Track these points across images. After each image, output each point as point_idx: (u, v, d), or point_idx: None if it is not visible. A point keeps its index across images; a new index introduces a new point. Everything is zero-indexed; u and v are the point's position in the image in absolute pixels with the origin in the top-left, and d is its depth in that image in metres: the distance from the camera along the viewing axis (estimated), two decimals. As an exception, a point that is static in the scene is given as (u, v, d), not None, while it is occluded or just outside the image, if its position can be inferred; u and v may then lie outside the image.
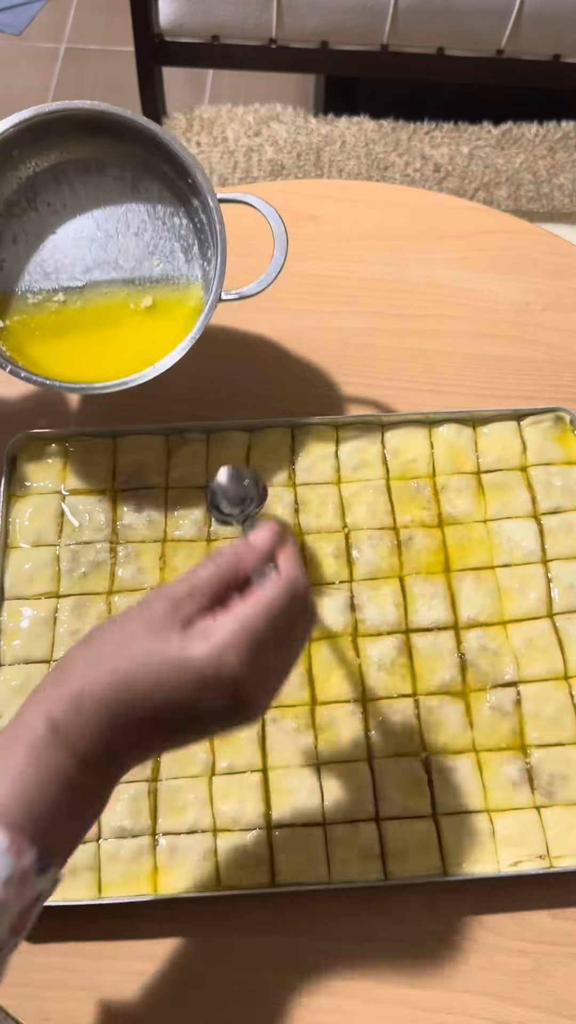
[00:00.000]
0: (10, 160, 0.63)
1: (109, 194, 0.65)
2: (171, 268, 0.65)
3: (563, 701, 0.60)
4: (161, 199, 0.65)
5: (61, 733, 0.39)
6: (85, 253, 0.65)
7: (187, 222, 0.65)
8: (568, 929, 0.56)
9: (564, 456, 0.68)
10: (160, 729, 0.41)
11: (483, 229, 0.81)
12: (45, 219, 0.65)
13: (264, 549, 0.44)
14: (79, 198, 0.65)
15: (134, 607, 0.43)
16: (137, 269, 0.65)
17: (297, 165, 1.49)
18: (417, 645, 0.62)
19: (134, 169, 0.64)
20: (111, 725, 0.40)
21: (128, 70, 1.38)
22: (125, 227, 0.65)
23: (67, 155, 0.64)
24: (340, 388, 0.73)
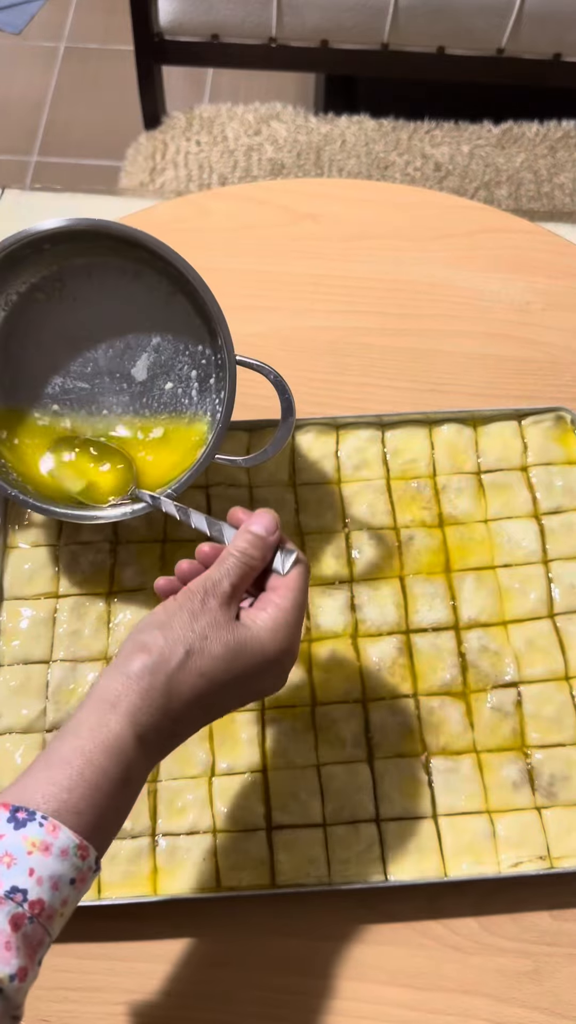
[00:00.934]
0: (40, 252, 0.59)
1: (139, 302, 0.61)
2: (183, 395, 0.62)
3: (564, 701, 0.60)
4: (190, 321, 0.61)
5: (145, 742, 0.42)
6: (100, 357, 0.62)
7: (210, 353, 0.61)
8: (568, 930, 0.55)
9: (565, 456, 0.68)
10: (226, 708, 0.47)
11: (483, 228, 0.81)
12: (68, 312, 0.61)
13: (275, 541, 0.48)
14: (108, 299, 0.61)
15: (184, 608, 0.45)
16: (148, 388, 0.62)
17: (297, 164, 1.49)
18: (417, 645, 0.62)
19: (170, 284, 0.60)
20: (189, 722, 0.45)
21: (128, 69, 1.38)
22: (147, 340, 0.61)
23: (104, 255, 0.60)
24: (340, 388, 0.73)
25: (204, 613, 0.45)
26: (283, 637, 0.45)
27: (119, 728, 0.42)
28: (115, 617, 0.63)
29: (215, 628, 0.44)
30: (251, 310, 0.76)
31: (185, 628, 0.44)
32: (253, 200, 0.83)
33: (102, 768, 0.40)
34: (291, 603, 0.47)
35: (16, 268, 0.60)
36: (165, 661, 0.43)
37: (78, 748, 0.41)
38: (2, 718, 0.60)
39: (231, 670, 0.44)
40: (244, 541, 0.47)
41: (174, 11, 1.25)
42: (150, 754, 0.43)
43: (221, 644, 0.44)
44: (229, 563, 0.47)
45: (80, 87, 1.88)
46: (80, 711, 0.43)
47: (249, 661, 0.44)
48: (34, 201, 1.27)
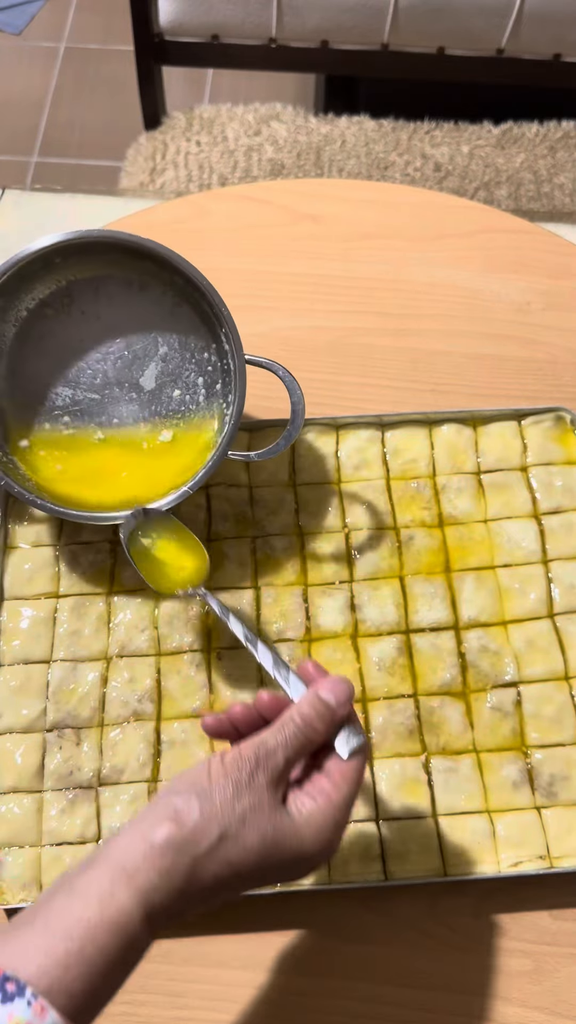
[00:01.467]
0: (50, 266, 0.61)
1: (146, 315, 0.63)
2: (190, 402, 0.63)
3: (564, 701, 0.60)
4: (195, 330, 0.63)
5: (154, 923, 0.38)
6: (108, 368, 0.63)
7: (216, 360, 0.63)
8: (568, 929, 0.56)
9: (564, 456, 0.68)
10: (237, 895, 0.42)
11: (483, 228, 0.81)
12: (76, 326, 0.63)
13: (344, 717, 0.44)
14: (115, 312, 0.63)
15: (235, 772, 0.41)
16: (156, 396, 0.63)
17: (297, 164, 1.49)
18: (417, 645, 0.62)
19: (175, 295, 0.62)
20: (201, 905, 0.40)
21: (128, 70, 1.38)
22: (154, 350, 0.63)
23: (111, 270, 0.62)
24: (340, 388, 0.73)
25: (250, 791, 0.40)
26: (327, 837, 0.41)
27: (130, 907, 0.37)
28: (115, 617, 0.63)
29: (257, 812, 0.40)
30: (251, 310, 0.76)
31: (226, 805, 0.40)
32: (253, 200, 0.83)
33: (103, 947, 0.36)
34: (343, 797, 0.42)
35: (26, 284, 0.61)
36: (195, 841, 0.39)
37: (83, 920, 0.37)
38: (2, 718, 0.60)
39: (261, 864, 0.40)
40: (310, 708, 0.43)
41: (174, 11, 1.25)
42: (154, 932, 0.39)
43: (259, 834, 0.40)
44: (288, 731, 0.42)
45: (80, 87, 1.88)
46: (93, 870, 0.39)
47: (283, 856, 0.40)
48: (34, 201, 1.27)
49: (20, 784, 0.58)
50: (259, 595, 0.63)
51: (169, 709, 0.60)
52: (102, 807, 0.57)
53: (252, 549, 0.65)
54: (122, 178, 1.47)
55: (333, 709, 0.43)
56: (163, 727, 0.60)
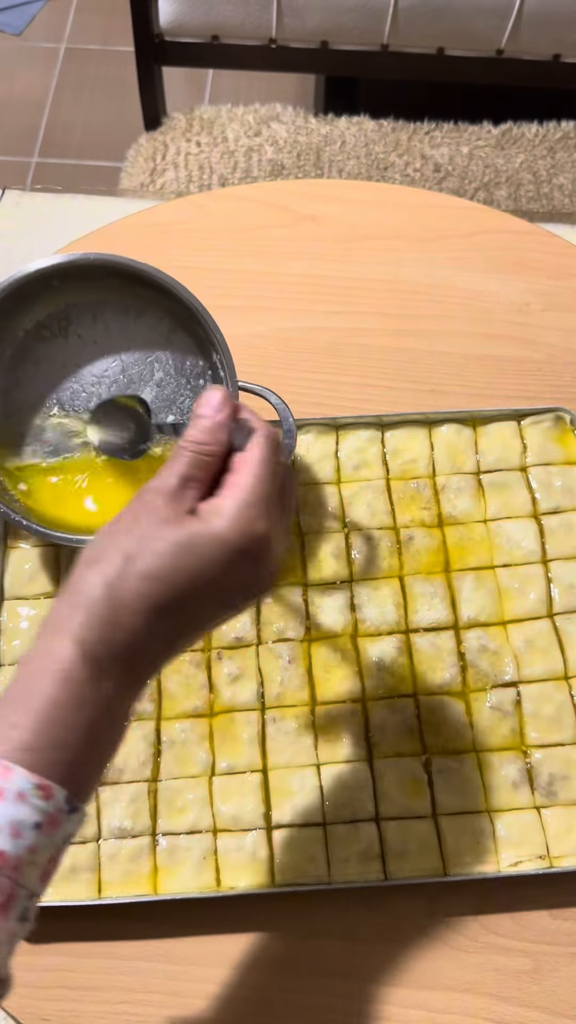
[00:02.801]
0: (48, 289, 0.61)
1: (142, 340, 0.63)
2: (183, 427, 0.61)
3: (563, 701, 0.60)
4: (191, 356, 0.63)
5: (93, 659, 0.37)
6: (104, 392, 0.63)
7: None
8: (568, 929, 0.56)
9: (564, 456, 0.68)
10: (198, 619, 0.41)
11: (483, 229, 0.81)
12: (73, 349, 0.63)
13: (224, 419, 0.42)
14: (112, 337, 0.63)
15: (128, 511, 0.40)
16: (153, 421, 0.63)
17: (297, 165, 1.49)
18: (417, 645, 0.62)
19: (171, 321, 0.63)
20: (148, 634, 0.38)
21: (128, 70, 1.38)
22: (149, 375, 0.63)
23: (108, 295, 0.62)
24: (340, 388, 0.73)
25: (146, 513, 0.39)
26: (246, 519, 0.39)
27: (61, 650, 0.37)
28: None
29: (157, 525, 0.39)
30: (251, 310, 0.76)
31: (126, 532, 0.39)
32: (253, 201, 0.83)
33: (50, 697, 0.36)
34: (253, 479, 0.40)
35: (23, 306, 0.61)
36: (101, 568, 0.38)
37: (19, 681, 0.37)
38: (2, 718, 0.60)
39: (184, 567, 0.38)
40: (192, 428, 0.42)
41: (174, 12, 1.25)
42: (108, 673, 0.37)
43: (164, 540, 0.38)
44: (177, 456, 0.41)
45: (80, 88, 1.88)
46: (33, 645, 0.39)
47: (205, 554, 0.38)
48: (34, 202, 1.27)
49: (20, 784, 0.58)
50: (259, 595, 0.63)
51: (169, 709, 0.60)
52: (102, 806, 0.57)
53: (252, 549, 0.65)
54: (122, 179, 1.47)
55: (210, 416, 0.42)
56: (163, 727, 0.60)
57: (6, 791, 0.34)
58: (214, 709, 0.60)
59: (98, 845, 0.56)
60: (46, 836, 0.35)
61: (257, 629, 0.62)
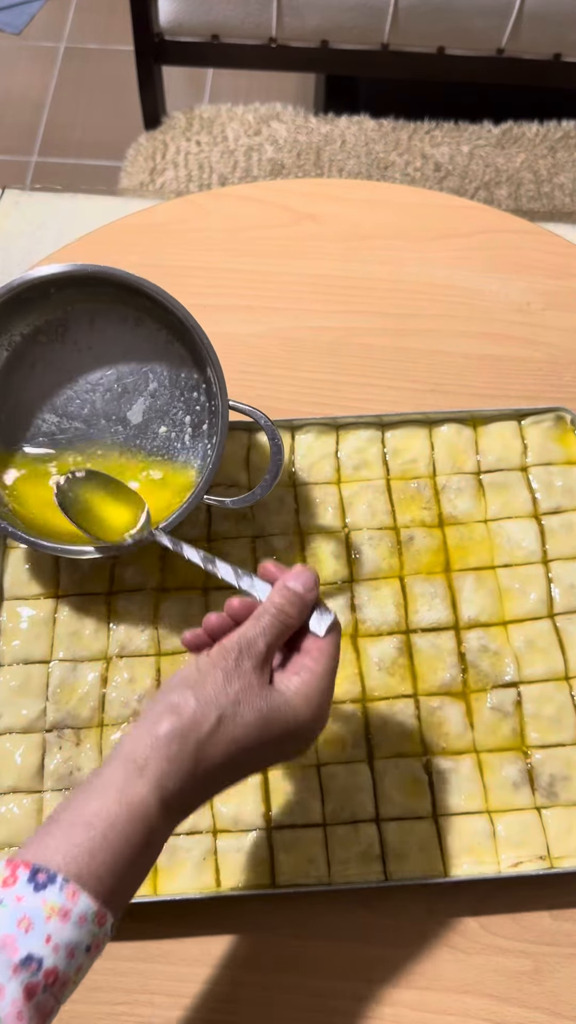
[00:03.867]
0: (46, 296, 0.62)
1: (138, 349, 0.63)
2: (175, 439, 0.63)
3: (564, 701, 0.60)
4: (186, 368, 0.63)
5: (168, 808, 0.41)
6: (97, 399, 0.64)
7: (205, 400, 0.63)
8: (568, 930, 0.56)
9: (564, 456, 0.68)
10: (257, 770, 0.46)
11: (483, 228, 0.81)
12: (69, 356, 0.64)
13: (313, 600, 0.47)
14: (108, 345, 0.63)
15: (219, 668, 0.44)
16: (143, 431, 0.63)
17: (297, 164, 1.49)
18: (417, 645, 0.62)
19: (169, 333, 0.63)
20: (217, 788, 0.44)
21: (128, 70, 1.38)
22: (144, 385, 0.63)
23: (106, 304, 0.62)
24: (340, 388, 0.73)
25: (238, 676, 0.43)
26: (316, 704, 0.44)
27: (145, 793, 0.40)
28: (115, 617, 0.63)
29: (249, 692, 0.43)
30: (251, 310, 0.76)
31: (218, 691, 0.43)
32: (253, 200, 0.83)
33: (125, 834, 0.39)
34: (325, 668, 0.45)
35: (22, 310, 0.62)
36: (196, 726, 0.42)
37: (102, 810, 0.40)
38: (2, 718, 0.60)
39: (262, 737, 0.43)
40: (281, 598, 0.46)
41: (174, 11, 1.25)
42: (173, 818, 0.42)
43: (254, 711, 0.43)
44: (265, 621, 0.45)
45: (80, 87, 1.88)
46: (105, 768, 0.42)
47: (281, 728, 0.43)
48: (34, 201, 1.27)
49: (20, 784, 0.58)
50: (259, 595, 0.63)
51: (169, 709, 0.60)
52: (102, 807, 0.57)
53: (252, 549, 0.65)
54: (122, 178, 1.47)
55: (302, 595, 0.46)
56: (163, 727, 0.60)
57: (71, 913, 0.37)
58: None
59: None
60: (90, 958, 0.38)
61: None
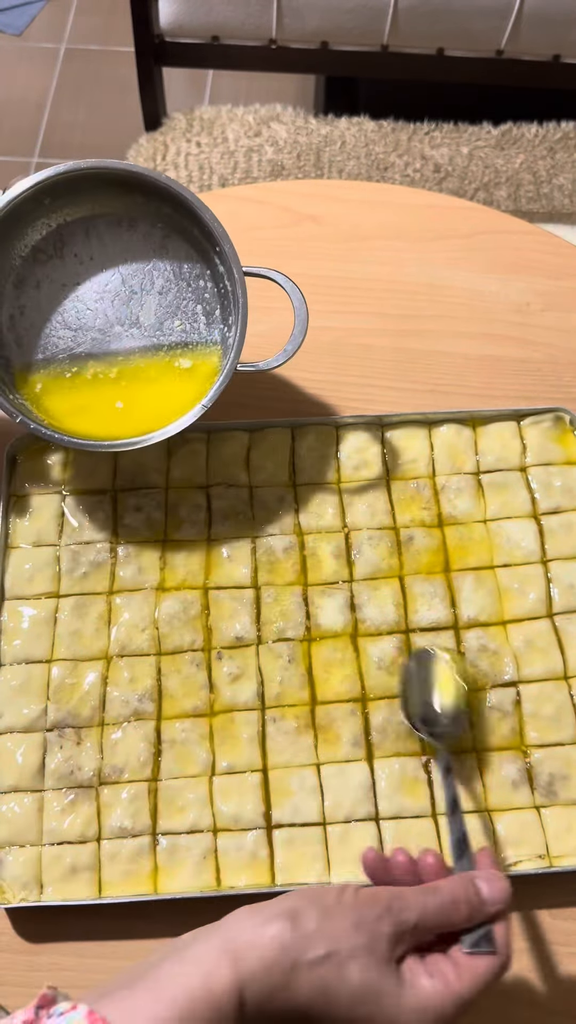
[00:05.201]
0: (40, 208, 0.62)
1: (137, 250, 0.64)
2: (192, 331, 0.64)
3: (563, 701, 0.60)
4: (188, 260, 0.64)
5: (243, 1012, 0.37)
6: (107, 307, 0.64)
7: (212, 286, 0.64)
8: (568, 929, 0.56)
9: (564, 456, 0.68)
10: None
11: (483, 229, 0.81)
12: (71, 269, 0.64)
13: (494, 913, 0.41)
14: (107, 251, 0.64)
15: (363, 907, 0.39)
16: (158, 329, 0.64)
17: (297, 165, 1.49)
18: (417, 645, 0.62)
19: (164, 228, 0.64)
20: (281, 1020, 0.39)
21: (128, 70, 1.38)
22: (150, 284, 0.64)
23: (99, 208, 0.63)
24: (340, 388, 0.73)
25: (370, 932, 0.39)
26: (427, 1020, 0.38)
27: (229, 985, 0.37)
28: (116, 617, 0.63)
29: (368, 955, 0.38)
30: (251, 310, 0.76)
31: (342, 931, 0.38)
32: (253, 201, 0.83)
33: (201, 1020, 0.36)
34: (462, 992, 0.38)
35: (18, 230, 0.62)
36: (302, 948, 0.38)
37: (188, 990, 0.37)
38: (2, 718, 0.60)
39: (352, 1008, 0.38)
40: (463, 889, 0.41)
41: (174, 13, 1.25)
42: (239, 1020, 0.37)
43: (362, 975, 0.38)
44: (431, 899, 0.41)
45: (81, 88, 1.89)
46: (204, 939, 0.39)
47: (376, 1013, 0.38)
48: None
49: (20, 784, 0.58)
50: (259, 595, 0.63)
51: (169, 708, 0.60)
52: (102, 806, 0.57)
53: (252, 549, 0.65)
54: (122, 179, 1.47)
55: (483, 901, 0.41)
56: (163, 726, 0.60)
57: None
58: (214, 709, 0.60)
59: (98, 844, 0.56)
60: None
61: (257, 629, 0.62)
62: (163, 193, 0.61)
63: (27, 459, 0.68)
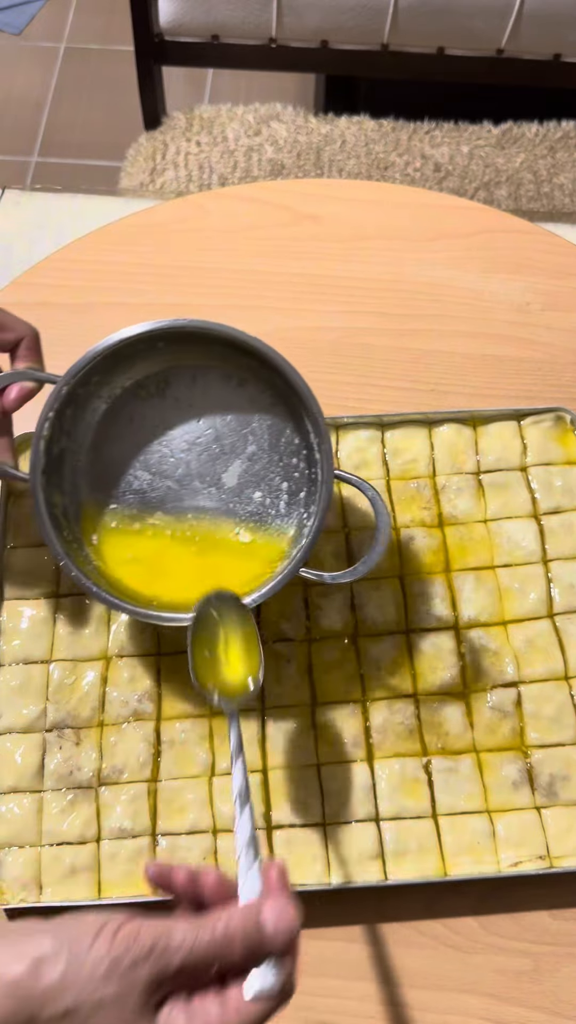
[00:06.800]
0: (153, 350, 0.59)
1: (239, 410, 0.61)
2: (271, 506, 0.60)
3: (563, 701, 0.60)
4: (287, 435, 0.60)
5: None
6: (193, 459, 0.61)
7: (304, 467, 0.60)
8: (568, 929, 0.56)
9: (564, 456, 0.68)
10: None
11: (483, 229, 0.81)
12: (168, 412, 0.61)
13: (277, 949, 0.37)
14: (209, 403, 0.61)
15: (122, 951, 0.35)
16: (236, 495, 0.60)
17: (297, 165, 1.49)
18: (417, 645, 0.62)
19: (273, 396, 0.60)
20: None
21: (128, 70, 1.38)
22: (242, 448, 0.61)
23: (211, 361, 0.60)
24: (340, 388, 0.73)
25: (123, 980, 0.34)
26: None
27: None
28: (115, 617, 0.63)
29: (117, 1006, 0.34)
30: (251, 310, 0.76)
31: (91, 981, 0.34)
32: (253, 200, 0.83)
33: None
34: None
35: (125, 363, 0.59)
36: (41, 1003, 0.34)
37: None
38: (2, 718, 0.60)
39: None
40: (240, 925, 0.37)
41: (174, 12, 1.25)
42: None
43: None
44: (202, 938, 0.36)
45: (80, 87, 1.88)
46: None
47: None
48: (34, 201, 1.27)
49: (20, 784, 0.58)
50: (259, 595, 0.63)
51: (169, 709, 0.60)
52: (102, 807, 0.57)
53: (252, 549, 0.65)
54: (122, 178, 1.47)
55: (265, 937, 0.37)
56: (163, 727, 0.60)
57: None
58: (214, 709, 0.60)
59: (98, 845, 0.56)
60: None
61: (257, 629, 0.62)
62: (278, 368, 0.57)
63: (28, 458, 0.67)
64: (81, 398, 0.59)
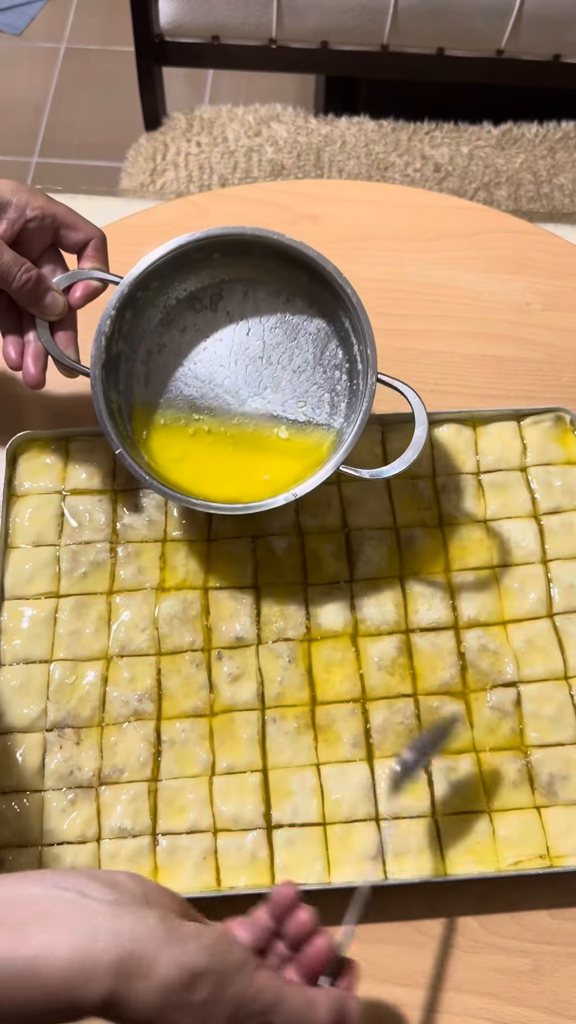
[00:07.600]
0: (208, 260, 0.63)
1: (288, 324, 0.65)
2: (313, 415, 0.64)
3: (563, 701, 0.60)
4: (332, 348, 0.64)
5: None
6: (240, 370, 0.64)
7: (346, 380, 0.64)
8: (568, 929, 0.56)
9: (564, 456, 0.68)
10: None
11: (483, 229, 0.81)
12: (219, 324, 0.65)
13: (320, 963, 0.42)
14: (259, 317, 0.65)
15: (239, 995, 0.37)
16: (282, 404, 0.64)
17: (297, 165, 1.49)
18: (417, 645, 0.62)
19: (319, 311, 0.64)
20: None
21: (128, 70, 1.38)
22: (288, 360, 0.64)
23: (263, 275, 0.64)
24: (340, 388, 0.73)
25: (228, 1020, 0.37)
26: None
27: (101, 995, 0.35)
28: (116, 616, 0.63)
29: None
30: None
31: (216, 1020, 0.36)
32: (253, 201, 0.83)
33: None
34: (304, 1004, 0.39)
35: (182, 273, 0.63)
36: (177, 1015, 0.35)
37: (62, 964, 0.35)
38: (2, 718, 0.60)
39: None
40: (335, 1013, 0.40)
41: (174, 12, 1.25)
42: None
43: None
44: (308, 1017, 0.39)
45: (81, 88, 1.88)
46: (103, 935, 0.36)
47: None
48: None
49: (20, 784, 0.58)
50: (259, 595, 0.63)
51: (169, 708, 0.60)
52: (102, 807, 0.57)
53: (252, 549, 0.65)
54: (122, 179, 1.47)
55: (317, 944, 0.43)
56: (163, 727, 0.60)
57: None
58: (214, 709, 0.60)
59: (98, 845, 0.56)
60: None
61: (257, 629, 0.62)
62: (327, 280, 0.61)
63: (28, 458, 0.68)
64: (140, 302, 0.63)
